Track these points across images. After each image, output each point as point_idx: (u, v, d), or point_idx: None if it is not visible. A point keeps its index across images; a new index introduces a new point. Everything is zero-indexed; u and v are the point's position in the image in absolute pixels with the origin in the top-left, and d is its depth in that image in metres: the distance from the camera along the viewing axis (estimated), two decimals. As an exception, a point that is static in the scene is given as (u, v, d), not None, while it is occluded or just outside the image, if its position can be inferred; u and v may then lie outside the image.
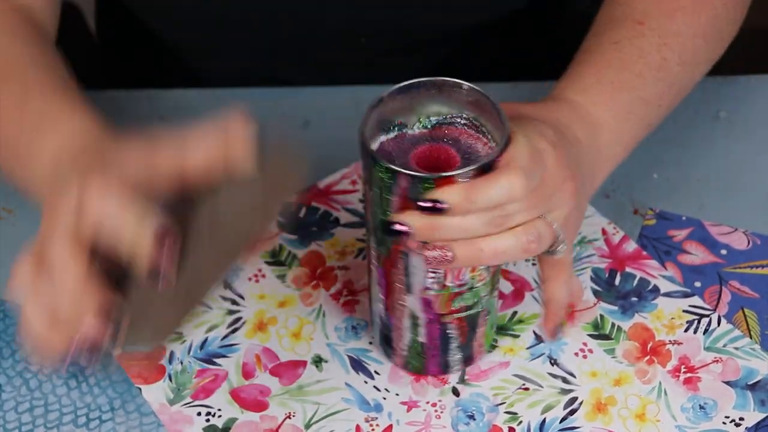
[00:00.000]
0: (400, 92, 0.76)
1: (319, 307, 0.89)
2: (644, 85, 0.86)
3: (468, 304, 0.80)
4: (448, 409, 0.83)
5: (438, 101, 0.76)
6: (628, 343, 0.86)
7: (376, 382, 0.85)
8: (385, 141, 0.75)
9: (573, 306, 0.88)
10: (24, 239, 0.88)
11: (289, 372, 0.86)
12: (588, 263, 0.91)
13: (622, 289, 0.89)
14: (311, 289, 0.90)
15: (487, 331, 0.84)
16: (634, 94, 0.85)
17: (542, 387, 0.85)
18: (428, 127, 0.76)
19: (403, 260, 0.77)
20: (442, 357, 0.83)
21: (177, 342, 0.87)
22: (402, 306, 0.80)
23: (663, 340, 0.86)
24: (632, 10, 0.89)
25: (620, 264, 0.91)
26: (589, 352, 0.86)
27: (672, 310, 0.88)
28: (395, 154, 0.75)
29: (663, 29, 0.88)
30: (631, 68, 0.85)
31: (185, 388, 0.85)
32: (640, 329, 0.87)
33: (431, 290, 0.78)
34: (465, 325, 0.81)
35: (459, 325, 0.81)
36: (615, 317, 0.88)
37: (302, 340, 0.87)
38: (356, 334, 0.88)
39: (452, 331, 0.81)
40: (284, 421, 0.83)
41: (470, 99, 0.76)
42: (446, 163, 0.74)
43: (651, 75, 0.86)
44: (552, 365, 0.86)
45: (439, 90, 0.76)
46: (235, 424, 0.83)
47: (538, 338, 0.87)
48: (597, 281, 0.90)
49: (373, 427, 0.83)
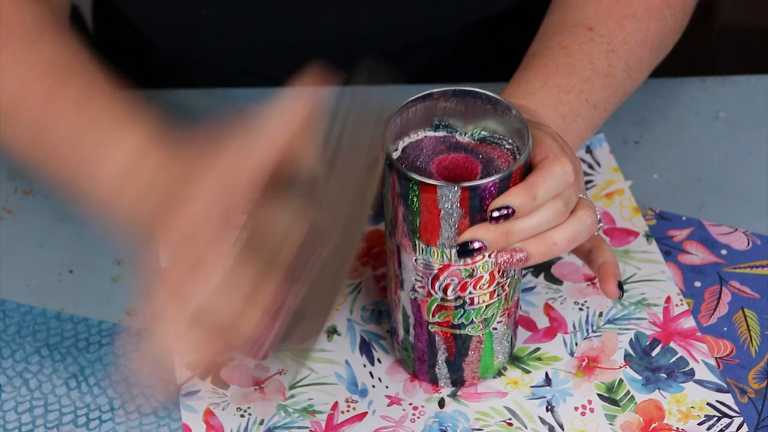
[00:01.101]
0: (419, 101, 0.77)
1: (359, 283, 0.90)
2: (592, 90, 0.87)
3: (455, 321, 0.79)
4: (425, 417, 0.83)
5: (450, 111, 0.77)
6: (632, 415, 0.83)
7: (373, 369, 0.85)
8: (406, 146, 0.77)
9: (597, 362, 0.86)
10: (24, 239, 0.94)
11: (302, 332, 0.88)
12: (635, 326, 0.87)
13: (655, 362, 0.85)
14: (360, 265, 0.92)
15: (483, 359, 0.82)
16: (582, 97, 0.86)
17: (526, 428, 0.82)
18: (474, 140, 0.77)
19: (398, 254, 0.77)
20: (430, 366, 0.83)
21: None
22: (397, 300, 0.80)
23: (670, 426, 0.82)
24: (583, 15, 0.89)
25: (667, 337, 0.87)
26: (590, 411, 0.83)
27: (696, 399, 0.83)
28: (412, 159, 0.76)
29: (612, 36, 0.88)
30: (580, 73, 0.86)
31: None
32: (652, 406, 0.83)
33: (417, 293, 0.78)
34: (452, 343, 0.80)
35: (445, 339, 0.80)
36: (634, 386, 0.84)
37: (328, 308, 0.89)
38: (378, 319, 0.88)
39: (439, 343, 0.81)
40: (274, 375, 0.85)
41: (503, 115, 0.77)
42: (468, 173, 0.75)
43: (598, 81, 0.87)
44: (547, 411, 0.83)
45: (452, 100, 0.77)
46: (230, 363, 0.86)
47: (547, 382, 0.85)
48: (634, 346, 0.86)
49: (349, 409, 0.83)
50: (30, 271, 0.92)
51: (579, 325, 0.87)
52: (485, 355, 0.82)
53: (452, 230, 0.74)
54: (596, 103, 0.87)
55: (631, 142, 0.99)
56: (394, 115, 0.76)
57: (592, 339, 0.87)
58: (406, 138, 0.77)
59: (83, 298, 0.90)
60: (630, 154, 0.97)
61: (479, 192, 0.73)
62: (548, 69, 0.87)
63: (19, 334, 0.89)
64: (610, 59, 0.88)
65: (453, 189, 0.72)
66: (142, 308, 0.73)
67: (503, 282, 0.78)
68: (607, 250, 0.82)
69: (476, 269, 0.76)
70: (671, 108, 1.00)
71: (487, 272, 0.77)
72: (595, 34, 0.88)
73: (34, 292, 0.91)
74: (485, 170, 0.75)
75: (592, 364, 0.85)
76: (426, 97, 0.77)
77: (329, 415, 0.83)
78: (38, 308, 0.90)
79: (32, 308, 0.90)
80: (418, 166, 0.75)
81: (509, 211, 0.74)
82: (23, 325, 0.89)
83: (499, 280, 0.78)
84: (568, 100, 0.86)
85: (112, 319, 0.89)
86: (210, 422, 0.83)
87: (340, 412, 0.83)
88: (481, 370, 0.83)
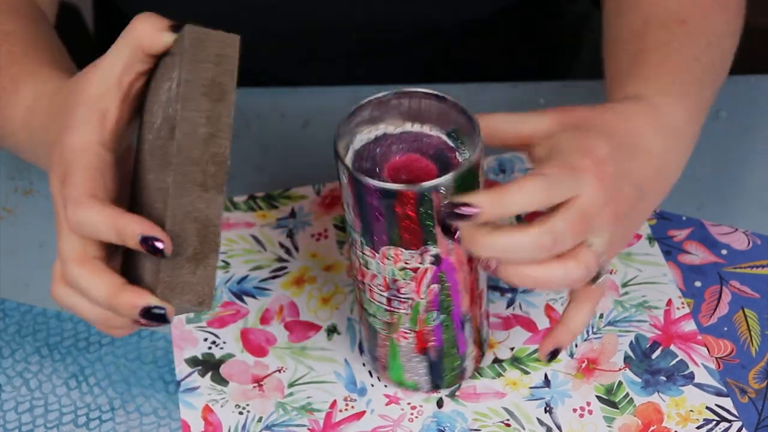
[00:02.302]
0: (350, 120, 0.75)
1: (359, 282, 0.90)
2: (702, 88, 0.83)
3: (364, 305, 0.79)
4: (423, 417, 0.83)
5: (405, 112, 0.76)
6: (631, 418, 0.82)
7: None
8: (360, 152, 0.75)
9: (597, 363, 0.85)
10: (24, 239, 0.94)
11: (301, 331, 0.87)
12: (636, 329, 0.87)
13: (655, 365, 0.85)
14: (360, 264, 0.92)
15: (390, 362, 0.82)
16: (698, 96, 0.82)
17: (524, 429, 0.82)
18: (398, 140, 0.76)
19: None
20: None
21: (221, 270, 0.91)
22: None
23: (668, 429, 0.82)
24: (669, 10, 0.85)
25: (668, 340, 0.86)
26: (589, 413, 0.83)
27: (695, 403, 0.83)
28: (369, 166, 0.75)
29: (705, 28, 0.85)
30: (692, 71, 0.82)
31: (206, 312, 0.88)
32: (651, 409, 0.83)
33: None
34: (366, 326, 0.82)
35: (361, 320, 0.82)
36: (633, 389, 0.84)
37: (328, 307, 0.89)
38: (378, 318, 0.88)
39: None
40: (273, 373, 0.85)
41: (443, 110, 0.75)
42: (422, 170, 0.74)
43: (705, 77, 0.83)
44: (545, 412, 0.83)
45: (408, 100, 0.76)
46: (229, 360, 0.86)
47: (546, 383, 0.85)
48: (634, 348, 0.86)
49: (347, 408, 0.83)
50: (30, 271, 0.92)
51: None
52: (391, 359, 0.82)
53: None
54: (707, 101, 0.84)
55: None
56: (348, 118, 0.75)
57: (592, 341, 0.86)
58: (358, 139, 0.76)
59: (83, 297, 0.90)
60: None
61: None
62: (668, 66, 0.82)
63: (19, 334, 0.89)
64: (711, 53, 0.84)
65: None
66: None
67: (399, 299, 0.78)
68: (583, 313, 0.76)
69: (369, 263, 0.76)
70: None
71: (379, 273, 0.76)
72: (691, 28, 0.84)
73: (34, 292, 0.91)
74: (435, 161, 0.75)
75: (591, 366, 0.85)
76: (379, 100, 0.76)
77: (327, 413, 0.83)
78: (38, 308, 0.90)
79: (32, 308, 0.90)
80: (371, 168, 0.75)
81: (469, 209, 0.69)
82: (23, 324, 0.89)
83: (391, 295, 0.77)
84: (695, 102, 0.82)
85: (111, 319, 0.89)
86: (208, 419, 0.83)
87: (338, 411, 0.83)
88: (390, 372, 0.83)
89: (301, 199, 0.95)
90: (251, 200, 0.96)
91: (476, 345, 0.83)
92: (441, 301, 0.78)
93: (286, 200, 0.96)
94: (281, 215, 0.95)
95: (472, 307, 0.80)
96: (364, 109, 0.76)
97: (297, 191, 0.96)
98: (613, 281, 0.90)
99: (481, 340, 0.83)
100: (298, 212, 0.95)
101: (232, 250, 0.92)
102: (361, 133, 0.76)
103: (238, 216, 0.95)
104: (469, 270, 0.77)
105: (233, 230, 0.94)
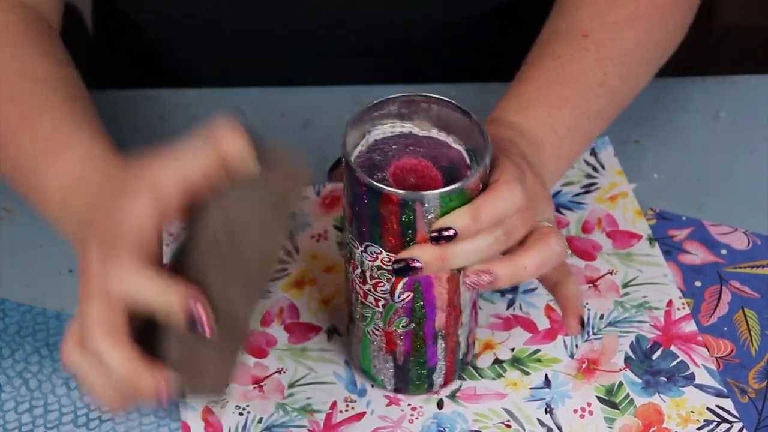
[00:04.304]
0: (375, 108, 0.76)
1: (360, 283, 0.90)
2: (585, 102, 0.85)
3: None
4: (423, 418, 0.83)
5: (434, 118, 0.76)
6: (631, 419, 0.82)
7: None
8: (377, 142, 0.76)
9: (597, 364, 0.85)
10: (24, 239, 0.93)
11: (302, 333, 0.87)
12: (636, 329, 0.87)
13: (656, 365, 0.85)
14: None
15: (361, 349, 0.82)
16: (576, 110, 0.85)
17: (524, 430, 0.82)
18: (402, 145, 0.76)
19: None
20: None
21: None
22: None
23: (669, 430, 0.82)
24: (578, 22, 0.88)
25: (668, 341, 0.86)
26: (589, 414, 0.83)
27: (696, 404, 0.83)
28: (379, 158, 0.75)
29: (606, 42, 0.87)
30: (573, 85, 0.85)
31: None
32: (651, 410, 0.83)
33: None
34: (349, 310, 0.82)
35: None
36: (633, 389, 0.84)
37: (328, 309, 0.89)
38: (378, 318, 0.88)
39: None
40: (273, 374, 0.85)
41: (449, 114, 0.76)
42: (428, 179, 0.74)
43: (592, 91, 0.86)
44: (546, 413, 0.83)
45: (437, 107, 0.76)
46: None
47: (547, 384, 0.84)
48: (634, 349, 0.86)
49: (347, 409, 0.83)
50: (30, 271, 0.92)
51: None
52: (363, 348, 0.82)
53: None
54: (591, 113, 0.86)
55: (632, 142, 0.99)
56: (372, 107, 0.76)
57: (592, 341, 0.86)
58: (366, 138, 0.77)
59: (83, 298, 0.90)
60: (630, 154, 0.97)
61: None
62: (540, 82, 0.86)
63: (19, 334, 0.88)
64: (605, 67, 0.87)
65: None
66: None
67: (374, 296, 0.78)
68: (572, 285, 0.80)
69: (353, 253, 0.76)
70: (671, 108, 1.00)
71: (360, 265, 0.77)
72: (589, 41, 0.87)
73: (34, 292, 0.91)
74: (439, 168, 0.75)
75: (592, 367, 0.85)
76: (389, 101, 0.76)
77: (327, 414, 0.83)
78: (38, 308, 0.90)
79: (32, 308, 0.90)
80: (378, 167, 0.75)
81: (451, 232, 0.72)
82: (23, 324, 0.89)
83: (368, 290, 0.78)
84: (561, 115, 0.84)
85: (111, 319, 0.89)
86: (209, 420, 0.83)
87: (338, 412, 0.83)
88: (360, 362, 0.84)
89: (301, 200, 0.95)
90: (251, 201, 0.96)
91: (449, 363, 0.82)
92: (414, 310, 0.78)
93: (286, 200, 0.96)
94: (281, 216, 0.95)
95: (449, 325, 0.79)
96: (392, 103, 0.76)
97: (297, 192, 0.96)
98: (613, 281, 0.90)
99: (455, 360, 0.82)
100: (298, 213, 0.95)
101: (232, 250, 0.92)
102: (384, 125, 0.76)
103: (238, 216, 0.95)
104: (449, 288, 0.77)
105: (233, 231, 0.94)
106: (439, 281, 0.76)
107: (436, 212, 0.73)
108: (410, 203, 0.72)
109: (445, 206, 0.72)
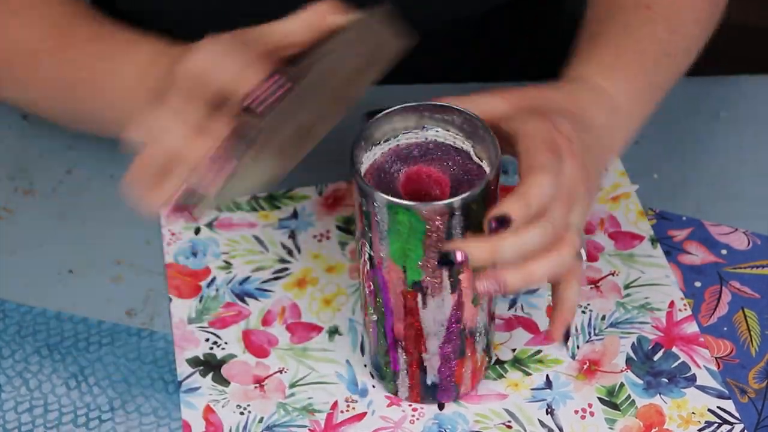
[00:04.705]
0: (386, 116, 0.76)
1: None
2: (656, 70, 0.86)
3: None
4: (424, 419, 0.83)
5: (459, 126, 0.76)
6: (632, 420, 0.82)
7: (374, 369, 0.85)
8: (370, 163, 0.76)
9: (599, 365, 0.85)
10: (24, 239, 0.93)
11: (303, 333, 0.87)
12: (638, 330, 0.87)
13: (657, 366, 0.85)
14: (362, 264, 0.91)
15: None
16: (648, 78, 0.85)
17: (525, 431, 0.82)
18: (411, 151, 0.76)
19: None
20: None
21: (223, 270, 0.91)
22: None
23: (670, 431, 0.82)
24: None
25: (670, 342, 0.86)
26: (590, 415, 0.83)
27: (697, 405, 0.83)
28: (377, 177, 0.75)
29: (670, 15, 0.87)
30: (645, 53, 0.85)
31: (208, 313, 0.88)
32: (653, 411, 0.83)
33: None
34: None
35: None
36: (635, 390, 0.84)
37: (330, 309, 0.89)
38: (379, 319, 0.88)
39: None
40: (275, 373, 0.85)
41: (458, 121, 0.76)
42: (435, 184, 0.74)
43: (662, 61, 0.86)
44: (547, 414, 0.83)
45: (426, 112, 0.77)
46: (231, 361, 0.86)
47: (548, 385, 0.84)
48: (636, 350, 0.86)
49: (348, 409, 0.83)
50: (30, 271, 0.92)
51: (581, 328, 0.87)
52: None
53: None
54: (659, 83, 0.87)
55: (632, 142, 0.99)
56: (366, 127, 0.76)
57: (594, 342, 0.86)
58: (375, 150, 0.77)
59: (83, 298, 0.90)
60: (630, 153, 0.96)
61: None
62: (617, 48, 0.85)
63: (19, 334, 0.88)
64: (672, 39, 0.87)
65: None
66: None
67: (360, 275, 0.79)
68: (574, 288, 0.78)
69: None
70: (671, 108, 1.00)
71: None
72: (654, 13, 0.87)
73: (34, 292, 0.91)
74: (448, 174, 0.75)
75: (593, 368, 0.85)
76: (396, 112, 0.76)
77: (328, 414, 0.83)
78: (38, 308, 0.90)
79: (32, 308, 0.90)
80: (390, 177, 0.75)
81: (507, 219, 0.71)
82: (23, 325, 0.89)
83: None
84: (637, 82, 0.84)
85: (112, 319, 0.89)
86: (210, 419, 0.83)
87: (339, 412, 0.83)
88: None
89: (303, 200, 0.95)
90: (253, 200, 0.96)
91: (413, 380, 0.82)
92: (376, 304, 0.78)
93: (289, 201, 0.96)
94: (283, 216, 0.95)
95: (410, 342, 0.79)
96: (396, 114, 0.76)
97: (299, 192, 0.96)
98: (615, 282, 0.90)
99: (423, 382, 0.81)
100: (300, 213, 0.94)
101: (234, 250, 0.92)
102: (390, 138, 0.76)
103: (241, 216, 0.94)
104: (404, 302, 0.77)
105: (235, 230, 0.93)
106: (397, 296, 0.76)
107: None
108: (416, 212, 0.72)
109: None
